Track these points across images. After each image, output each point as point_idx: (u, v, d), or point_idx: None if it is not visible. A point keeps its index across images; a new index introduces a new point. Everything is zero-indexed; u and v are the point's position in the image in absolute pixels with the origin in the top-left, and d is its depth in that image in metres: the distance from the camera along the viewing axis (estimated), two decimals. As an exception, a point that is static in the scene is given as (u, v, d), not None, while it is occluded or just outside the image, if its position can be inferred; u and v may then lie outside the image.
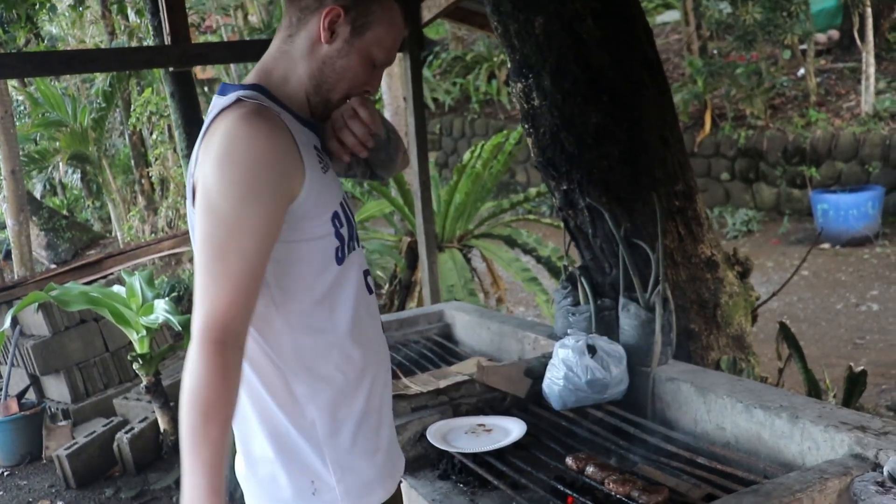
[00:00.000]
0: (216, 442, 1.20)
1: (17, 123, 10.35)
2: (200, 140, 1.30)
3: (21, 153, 9.85)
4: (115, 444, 4.70)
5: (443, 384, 2.47)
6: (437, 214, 5.82)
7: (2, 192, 9.21)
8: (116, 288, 4.98)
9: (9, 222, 9.09)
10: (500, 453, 2.14)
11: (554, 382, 2.37)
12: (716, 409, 2.13)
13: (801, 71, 10.88)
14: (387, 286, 6.40)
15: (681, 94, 10.89)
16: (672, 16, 14.02)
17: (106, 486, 4.59)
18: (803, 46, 10.76)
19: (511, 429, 2.26)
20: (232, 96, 1.31)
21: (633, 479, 1.81)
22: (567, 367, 2.33)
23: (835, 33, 11.40)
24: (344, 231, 1.39)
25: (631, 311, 2.44)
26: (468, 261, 5.93)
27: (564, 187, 2.62)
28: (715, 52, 11.85)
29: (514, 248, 5.84)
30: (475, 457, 2.19)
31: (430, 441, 2.22)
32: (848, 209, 8.38)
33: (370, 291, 1.54)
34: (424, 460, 2.33)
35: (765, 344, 4.19)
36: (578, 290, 2.69)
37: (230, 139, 1.23)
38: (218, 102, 1.33)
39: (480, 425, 2.30)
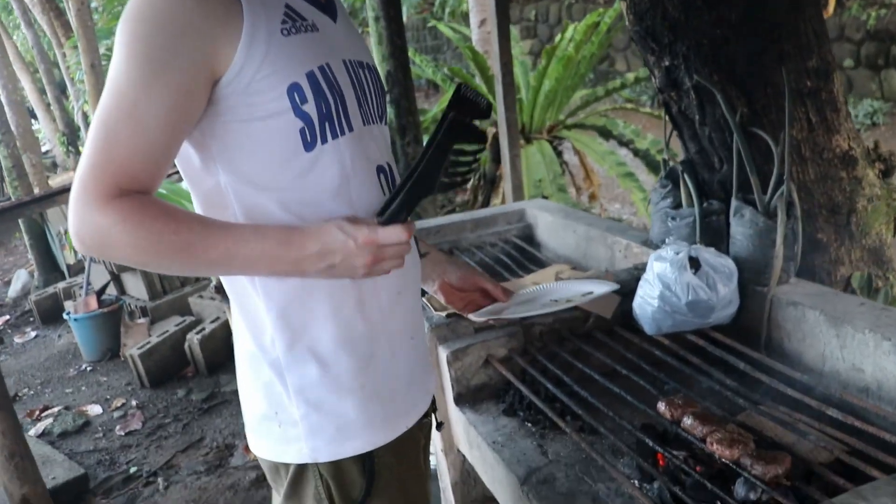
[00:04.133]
0: (210, 246, 1.05)
1: (96, 17, 10.18)
2: None
3: (103, 48, 9.72)
4: (186, 345, 4.58)
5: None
6: (524, 102, 5.33)
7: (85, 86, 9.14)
8: (185, 183, 4.77)
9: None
10: (574, 394, 1.76)
11: (647, 302, 1.96)
12: (853, 346, 1.68)
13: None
14: (471, 181, 6.02)
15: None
16: None
17: (179, 387, 4.50)
18: None
19: (594, 290, 1.91)
20: None
21: (745, 437, 1.41)
22: (664, 285, 1.91)
23: None
24: (310, 108, 1.09)
25: (746, 217, 1.98)
26: (558, 153, 5.45)
27: (666, 63, 2.13)
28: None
29: (608, 140, 5.30)
30: (546, 394, 1.82)
31: (472, 318, 1.83)
32: None
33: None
34: (488, 391, 1.98)
35: None
36: (680, 190, 2.24)
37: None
38: None
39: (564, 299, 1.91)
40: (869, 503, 1.13)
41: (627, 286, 2.14)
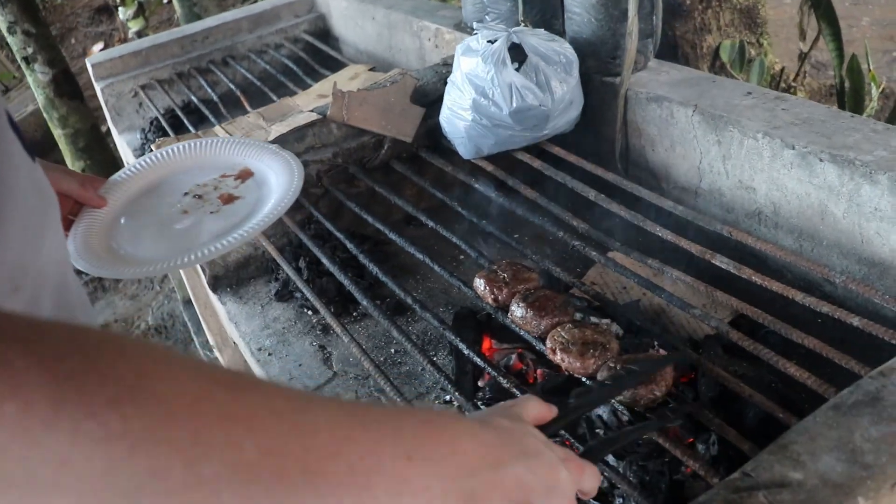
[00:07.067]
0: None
1: None
2: None
3: None
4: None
5: (275, 134, 1.46)
6: None
7: None
8: None
9: None
10: (362, 265, 1.21)
11: (457, 115, 1.39)
12: (740, 156, 1.19)
13: None
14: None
15: None
16: None
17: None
18: None
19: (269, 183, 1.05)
20: None
21: (603, 335, 0.91)
22: (476, 90, 1.34)
23: None
24: None
25: (585, -20, 1.40)
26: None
27: None
28: None
29: None
30: (321, 271, 1.27)
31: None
32: None
33: (32, 157, 0.57)
34: (255, 265, 1.42)
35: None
36: (495, -51, 1.61)
37: None
38: None
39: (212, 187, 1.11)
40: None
41: (434, 93, 1.55)
